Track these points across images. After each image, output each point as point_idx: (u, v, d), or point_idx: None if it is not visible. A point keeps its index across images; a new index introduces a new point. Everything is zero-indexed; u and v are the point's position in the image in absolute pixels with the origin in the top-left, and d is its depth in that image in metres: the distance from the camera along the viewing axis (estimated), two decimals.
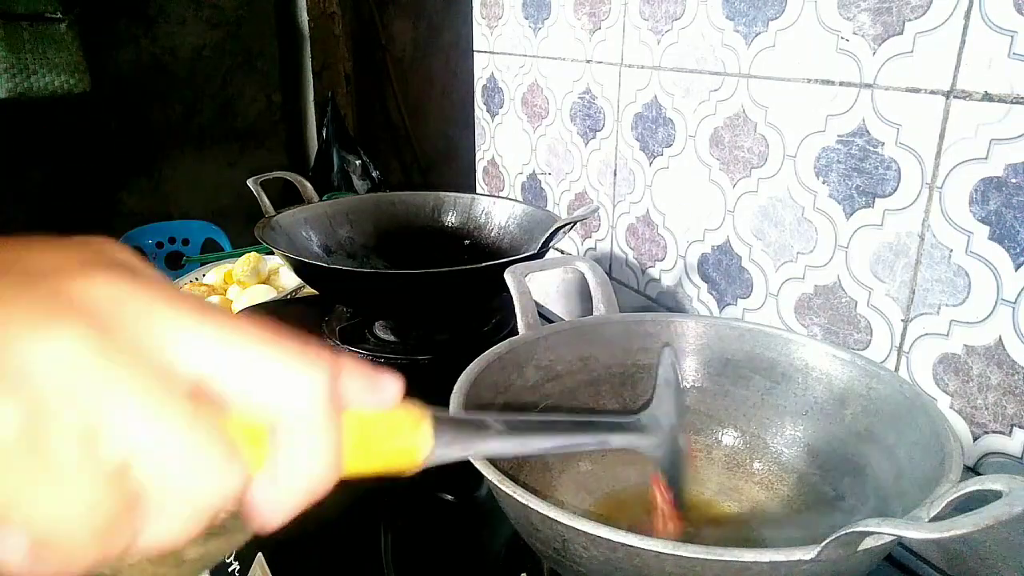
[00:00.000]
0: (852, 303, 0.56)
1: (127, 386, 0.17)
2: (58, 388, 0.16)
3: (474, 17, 1.02)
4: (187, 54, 1.96)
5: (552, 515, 0.31)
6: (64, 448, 0.16)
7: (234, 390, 0.19)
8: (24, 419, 0.16)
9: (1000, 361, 0.46)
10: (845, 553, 0.29)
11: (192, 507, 0.18)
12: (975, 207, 0.46)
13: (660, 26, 0.70)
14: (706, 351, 0.51)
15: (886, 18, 0.50)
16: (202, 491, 0.18)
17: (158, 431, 0.17)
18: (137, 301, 0.18)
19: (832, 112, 0.55)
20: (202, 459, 0.18)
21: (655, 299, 0.78)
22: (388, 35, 1.88)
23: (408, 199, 0.87)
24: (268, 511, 0.20)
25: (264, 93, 2.10)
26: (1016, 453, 0.47)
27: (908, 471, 0.39)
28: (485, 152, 1.07)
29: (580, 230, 0.88)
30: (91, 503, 0.16)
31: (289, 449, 0.20)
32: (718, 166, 0.66)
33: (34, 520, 0.16)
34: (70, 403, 0.16)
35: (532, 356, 0.49)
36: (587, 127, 0.84)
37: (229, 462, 0.18)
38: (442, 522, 0.49)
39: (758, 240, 0.63)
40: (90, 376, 0.16)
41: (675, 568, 0.30)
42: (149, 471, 0.17)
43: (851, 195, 0.54)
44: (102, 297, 0.17)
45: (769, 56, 0.59)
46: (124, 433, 0.17)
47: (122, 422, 0.17)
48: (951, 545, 0.48)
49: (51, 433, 0.16)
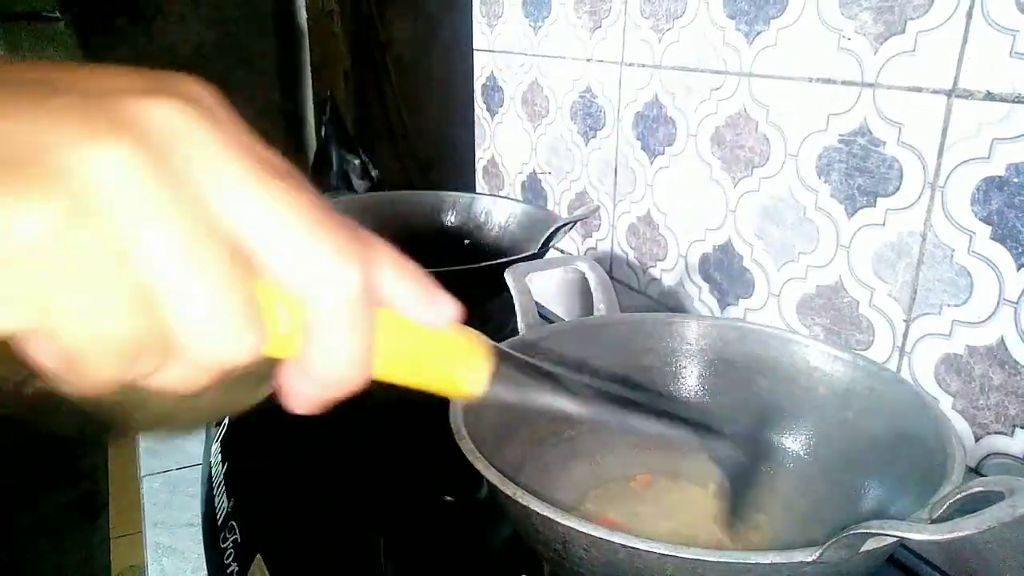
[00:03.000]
0: (854, 303, 0.56)
1: (167, 215, 0.16)
2: (99, 196, 0.16)
3: (474, 15, 1.02)
4: (185, 52, 1.95)
5: (553, 516, 0.31)
6: (96, 256, 0.16)
7: (271, 261, 0.18)
8: (62, 218, 0.15)
9: (1002, 361, 0.46)
10: (847, 555, 0.29)
11: (207, 358, 0.18)
12: (977, 207, 0.46)
13: (661, 24, 0.70)
14: (707, 352, 0.51)
15: (888, 17, 0.50)
16: (219, 346, 0.18)
17: (188, 270, 0.17)
18: (200, 139, 0.17)
19: (834, 111, 0.55)
20: (224, 314, 0.17)
21: (656, 299, 0.78)
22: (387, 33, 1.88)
23: (407, 198, 0.87)
24: (295, 396, 0.20)
25: (262, 92, 2.10)
26: (1018, 454, 0.47)
27: (910, 472, 0.39)
28: (485, 151, 1.07)
29: (580, 230, 0.88)
30: (117, 319, 0.16)
31: (315, 341, 0.19)
32: (719, 165, 0.66)
33: (62, 326, 0.16)
34: (109, 213, 0.16)
35: (532, 356, 0.48)
36: (587, 126, 0.84)
37: (249, 324, 0.18)
38: (442, 523, 0.49)
39: (760, 240, 0.63)
40: (133, 193, 0.16)
41: (676, 570, 0.30)
42: (173, 308, 0.17)
43: (853, 194, 0.54)
44: (163, 124, 0.17)
45: (770, 55, 0.59)
46: (155, 260, 0.16)
47: (155, 249, 0.16)
48: (953, 546, 0.48)
49: (86, 238, 0.16)
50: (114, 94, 0.17)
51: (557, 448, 0.48)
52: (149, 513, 0.60)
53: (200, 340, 0.17)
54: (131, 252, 0.16)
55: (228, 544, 0.49)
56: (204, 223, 0.17)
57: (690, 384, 0.51)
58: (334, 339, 0.19)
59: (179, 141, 0.17)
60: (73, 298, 0.16)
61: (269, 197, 0.18)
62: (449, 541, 0.48)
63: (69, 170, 0.16)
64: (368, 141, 2.01)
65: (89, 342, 0.16)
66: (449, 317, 0.23)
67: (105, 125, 0.16)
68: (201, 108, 0.18)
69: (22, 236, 0.15)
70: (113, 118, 0.16)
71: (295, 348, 0.19)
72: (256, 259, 0.18)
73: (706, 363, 0.51)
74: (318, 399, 0.20)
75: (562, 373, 0.28)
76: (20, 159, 0.15)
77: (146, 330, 0.17)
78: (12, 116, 0.16)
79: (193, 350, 0.18)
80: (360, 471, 0.53)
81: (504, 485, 0.33)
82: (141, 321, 0.17)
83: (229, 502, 0.52)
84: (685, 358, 0.51)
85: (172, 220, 0.16)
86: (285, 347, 0.19)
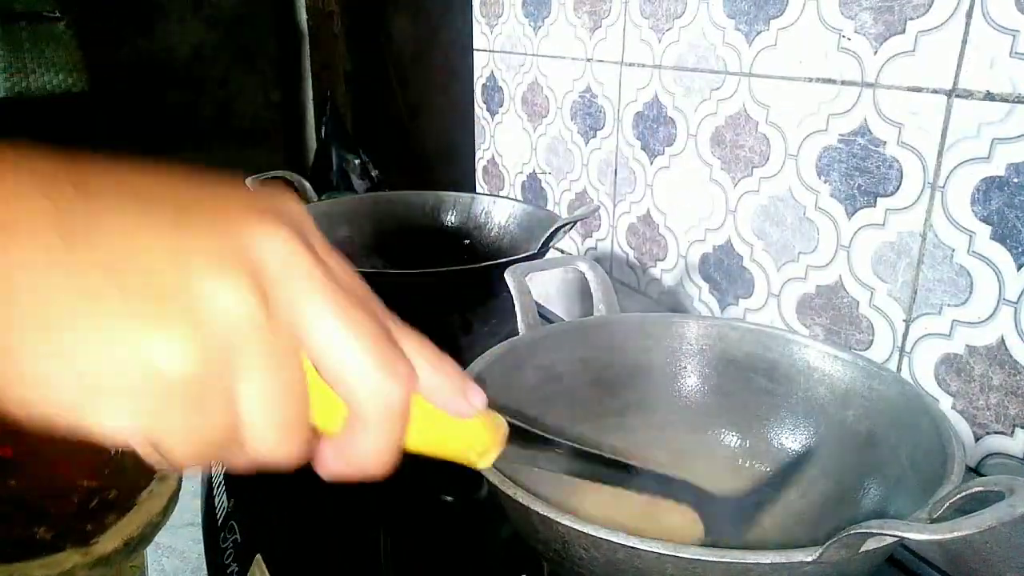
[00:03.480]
0: (854, 303, 0.56)
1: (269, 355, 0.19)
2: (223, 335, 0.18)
3: (474, 15, 1.02)
4: (186, 53, 1.95)
5: (553, 516, 0.31)
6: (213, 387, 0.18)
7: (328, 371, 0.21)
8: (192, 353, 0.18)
9: (1002, 361, 0.46)
10: (847, 554, 0.29)
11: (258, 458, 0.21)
12: (977, 207, 0.46)
13: (661, 24, 0.70)
14: (707, 352, 0.51)
15: (888, 17, 0.50)
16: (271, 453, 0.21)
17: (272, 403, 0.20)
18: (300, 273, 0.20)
19: (834, 111, 0.55)
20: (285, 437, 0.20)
21: (656, 299, 0.78)
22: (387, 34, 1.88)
23: (407, 198, 0.86)
24: (326, 467, 0.23)
25: (263, 92, 2.10)
26: (1018, 454, 0.47)
27: (910, 472, 0.39)
28: (485, 151, 1.07)
29: (580, 230, 0.88)
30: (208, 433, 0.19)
31: (353, 432, 0.22)
32: (719, 165, 0.66)
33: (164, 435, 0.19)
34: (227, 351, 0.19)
35: (532, 356, 0.48)
36: (587, 126, 0.84)
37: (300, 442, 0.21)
38: (442, 523, 0.49)
39: (759, 240, 0.63)
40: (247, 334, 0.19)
41: (676, 569, 0.30)
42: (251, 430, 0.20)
43: (853, 195, 0.54)
44: (274, 257, 0.20)
45: (770, 55, 0.59)
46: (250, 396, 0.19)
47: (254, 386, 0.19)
48: (953, 546, 0.48)
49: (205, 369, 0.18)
50: (236, 220, 0.20)
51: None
52: None
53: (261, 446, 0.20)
54: (238, 381, 0.19)
55: (228, 544, 0.49)
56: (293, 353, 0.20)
57: (690, 384, 0.51)
58: (369, 439, 0.22)
59: (289, 274, 0.20)
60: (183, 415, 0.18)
61: (343, 318, 0.21)
62: (449, 541, 0.48)
63: (204, 307, 0.18)
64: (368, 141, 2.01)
65: (180, 443, 0.19)
66: (478, 409, 0.25)
67: (235, 261, 0.19)
68: (302, 234, 0.21)
69: (158, 365, 0.17)
70: (236, 251, 0.19)
71: (337, 429, 0.22)
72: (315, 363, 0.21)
73: (706, 363, 0.51)
74: (346, 477, 0.23)
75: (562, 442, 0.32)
76: (164, 289, 0.18)
77: (226, 434, 0.20)
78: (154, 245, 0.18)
79: (252, 450, 0.20)
80: None
81: (504, 485, 0.33)
82: (225, 429, 0.19)
83: (229, 502, 0.52)
84: (685, 358, 0.51)
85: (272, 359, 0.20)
86: (329, 426, 0.22)
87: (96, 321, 0.17)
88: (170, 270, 0.18)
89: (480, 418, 0.26)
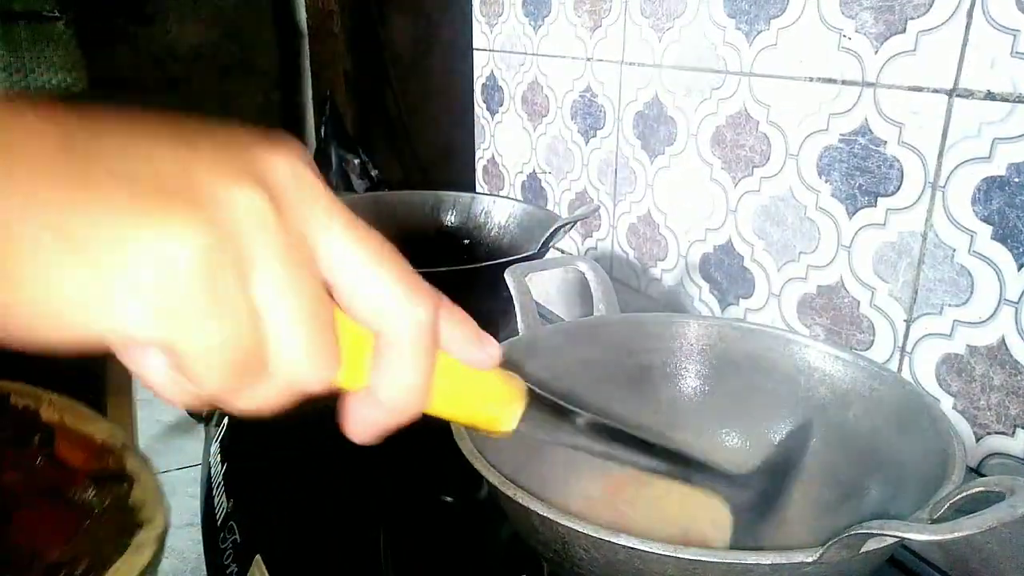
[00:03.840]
0: (855, 303, 0.56)
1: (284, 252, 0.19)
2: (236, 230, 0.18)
3: (474, 15, 1.01)
4: (185, 52, 1.95)
5: (553, 516, 0.31)
6: (226, 281, 0.18)
7: (352, 296, 0.21)
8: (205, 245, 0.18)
9: (1003, 362, 0.46)
10: (848, 555, 0.29)
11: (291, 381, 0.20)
12: (978, 207, 0.46)
13: (661, 24, 0.70)
14: (708, 352, 0.51)
15: (888, 16, 0.50)
16: (304, 370, 0.20)
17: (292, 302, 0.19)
18: (313, 193, 0.21)
19: (834, 111, 0.54)
20: (313, 343, 0.20)
21: (656, 299, 0.78)
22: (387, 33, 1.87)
23: (407, 198, 0.86)
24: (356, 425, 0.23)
25: (262, 92, 2.10)
26: (1019, 454, 0.47)
27: (911, 472, 0.39)
28: (485, 151, 1.07)
29: (580, 229, 0.88)
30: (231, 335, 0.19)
31: (384, 369, 0.22)
32: (720, 165, 0.66)
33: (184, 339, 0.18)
34: (241, 246, 0.19)
35: (532, 356, 0.48)
36: (588, 126, 0.84)
37: (331, 354, 0.21)
38: (442, 523, 0.49)
39: (760, 240, 0.63)
40: (263, 231, 0.19)
41: (676, 570, 0.30)
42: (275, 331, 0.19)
43: (853, 194, 0.54)
44: (284, 177, 0.20)
45: (771, 54, 0.59)
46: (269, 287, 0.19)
47: (272, 278, 0.19)
48: (953, 547, 0.48)
49: (221, 264, 0.18)
50: (244, 146, 0.20)
51: (559, 449, 0.48)
52: None
53: (290, 363, 0.20)
54: (253, 280, 0.19)
55: (227, 544, 0.49)
56: (309, 262, 0.20)
57: (690, 384, 0.51)
58: (404, 366, 0.22)
59: (298, 190, 0.20)
60: (200, 315, 0.18)
61: (365, 245, 0.21)
62: (449, 541, 0.48)
63: (215, 205, 0.18)
64: (368, 141, 2.00)
65: (203, 356, 0.18)
66: (496, 358, 0.25)
67: (243, 171, 0.19)
68: (308, 166, 0.21)
69: (171, 258, 0.17)
70: (247, 166, 0.20)
71: (363, 379, 0.22)
72: (342, 297, 0.21)
73: (706, 363, 0.51)
74: (380, 426, 0.23)
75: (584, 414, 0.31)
76: (173, 189, 0.18)
77: (251, 348, 0.19)
78: (162, 156, 0.19)
79: (282, 372, 0.20)
80: (360, 471, 0.53)
81: (504, 486, 0.33)
82: (249, 340, 0.19)
83: (228, 503, 0.52)
84: (685, 358, 0.51)
85: (284, 254, 0.19)
86: (355, 378, 0.22)
87: (107, 219, 0.17)
88: (179, 175, 0.18)
89: (497, 374, 0.26)
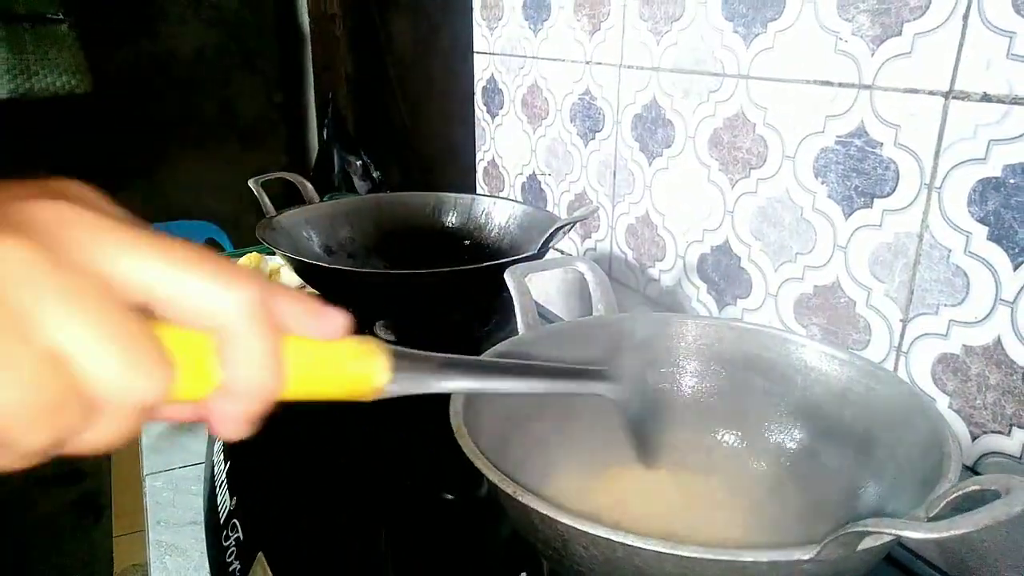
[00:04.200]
0: (851, 303, 0.56)
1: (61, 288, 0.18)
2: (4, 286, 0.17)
3: (474, 18, 1.02)
4: (187, 54, 1.96)
5: (552, 515, 0.31)
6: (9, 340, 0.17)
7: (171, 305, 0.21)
8: None
9: (999, 361, 0.46)
10: (844, 553, 0.29)
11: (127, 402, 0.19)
12: (974, 207, 0.47)
13: (659, 27, 0.70)
14: (705, 352, 0.51)
15: (884, 19, 0.50)
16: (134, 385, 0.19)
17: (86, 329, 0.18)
18: (81, 223, 0.20)
19: (831, 113, 0.55)
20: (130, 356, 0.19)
21: (654, 299, 0.78)
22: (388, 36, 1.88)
23: (408, 199, 0.87)
24: (223, 423, 0.22)
25: (264, 93, 2.10)
26: (1015, 453, 0.47)
27: (907, 471, 0.39)
28: (485, 153, 1.07)
29: (580, 230, 0.88)
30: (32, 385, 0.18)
31: (229, 359, 0.21)
32: (717, 167, 0.66)
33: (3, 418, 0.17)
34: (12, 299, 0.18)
35: (532, 356, 0.49)
36: (587, 128, 0.84)
37: (156, 360, 0.20)
38: (442, 521, 0.49)
39: (757, 240, 0.64)
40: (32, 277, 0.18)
41: (675, 568, 0.30)
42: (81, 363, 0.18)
43: (850, 195, 0.54)
44: (48, 219, 0.19)
45: (768, 57, 0.59)
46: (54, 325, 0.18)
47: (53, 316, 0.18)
48: (950, 545, 0.48)
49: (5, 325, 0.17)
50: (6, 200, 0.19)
51: (559, 447, 0.49)
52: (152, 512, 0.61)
53: (112, 383, 0.19)
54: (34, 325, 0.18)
55: (230, 542, 0.49)
56: (102, 289, 0.19)
57: (688, 384, 0.52)
58: (246, 350, 0.21)
59: (64, 229, 0.19)
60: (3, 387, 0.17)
61: (166, 256, 0.20)
62: (449, 539, 0.48)
63: None
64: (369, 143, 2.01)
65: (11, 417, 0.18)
66: (340, 327, 0.25)
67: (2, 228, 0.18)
68: (84, 202, 0.20)
69: None
70: (7, 221, 0.19)
71: (214, 379, 0.22)
72: (166, 310, 0.21)
73: (704, 363, 0.51)
74: (244, 416, 0.22)
75: (457, 357, 0.30)
76: None
77: (63, 391, 0.18)
78: None
79: (111, 395, 0.19)
80: (361, 469, 0.53)
81: (504, 483, 0.33)
82: (56, 384, 0.18)
83: (231, 500, 0.52)
84: (683, 358, 0.52)
85: (65, 291, 0.18)
86: (205, 381, 0.22)
87: None
88: None
89: (352, 341, 0.26)
